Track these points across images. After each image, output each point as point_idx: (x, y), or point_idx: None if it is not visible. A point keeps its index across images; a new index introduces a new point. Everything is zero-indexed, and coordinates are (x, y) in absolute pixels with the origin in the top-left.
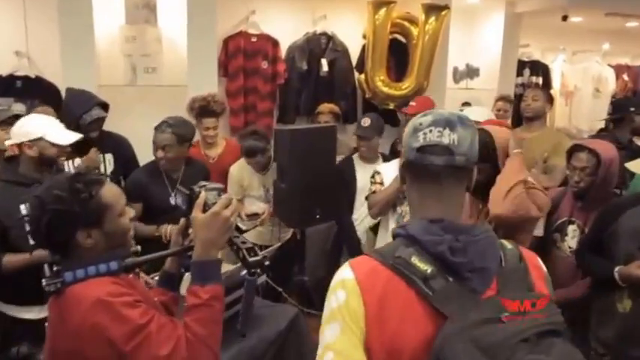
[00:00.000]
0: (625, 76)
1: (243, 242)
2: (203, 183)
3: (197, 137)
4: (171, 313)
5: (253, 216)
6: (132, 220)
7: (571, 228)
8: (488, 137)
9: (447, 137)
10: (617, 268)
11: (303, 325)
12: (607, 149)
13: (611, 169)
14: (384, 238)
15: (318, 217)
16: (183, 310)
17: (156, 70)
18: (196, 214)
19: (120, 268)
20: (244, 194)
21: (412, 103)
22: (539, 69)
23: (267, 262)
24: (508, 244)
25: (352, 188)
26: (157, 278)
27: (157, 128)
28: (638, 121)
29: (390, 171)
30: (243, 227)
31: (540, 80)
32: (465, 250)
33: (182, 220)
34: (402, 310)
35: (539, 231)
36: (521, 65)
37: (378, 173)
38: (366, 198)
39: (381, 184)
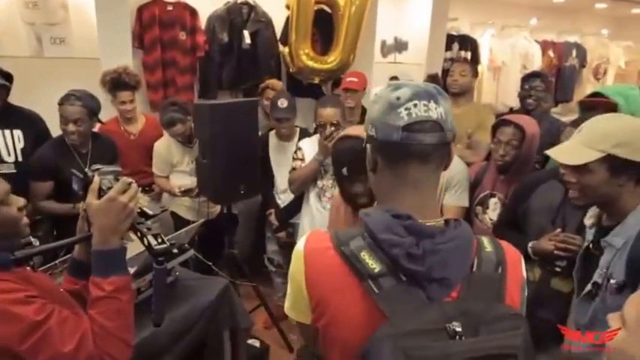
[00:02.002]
0: (550, 53)
1: (149, 229)
2: (97, 166)
3: (115, 113)
4: (85, 302)
5: (188, 191)
6: (21, 210)
7: (492, 201)
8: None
9: (435, 111)
10: (530, 244)
11: (233, 294)
12: (531, 124)
13: (533, 143)
14: (306, 212)
15: (242, 192)
16: (88, 301)
17: (65, 41)
18: (90, 200)
19: (8, 262)
20: (173, 170)
21: (353, 79)
22: (468, 43)
23: (174, 250)
24: (488, 246)
25: (268, 164)
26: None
27: (64, 101)
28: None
29: (310, 147)
30: (150, 212)
31: (469, 55)
32: (424, 258)
33: (82, 205)
34: (343, 300)
35: (464, 202)
36: (450, 39)
37: (300, 149)
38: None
39: (302, 160)
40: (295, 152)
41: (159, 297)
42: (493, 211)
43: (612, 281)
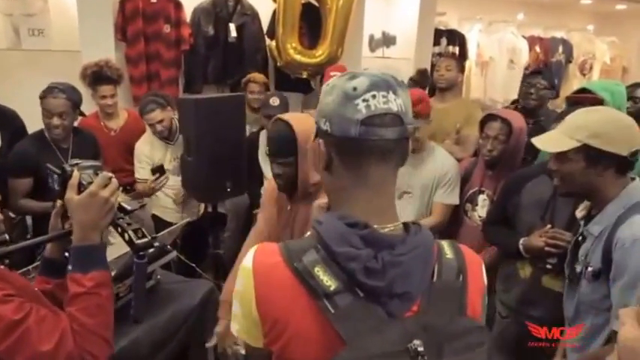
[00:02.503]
0: (537, 48)
1: (129, 224)
2: (76, 161)
3: (95, 108)
4: (58, 302)
5: (159, 170)
6: None
7: (481, 197)
8: (290, 129)
9: (394, 103)
10: (521, 241)
11: (218, 297)
12: (517, 119)
13: (520, 137)
14: None
15: (228, 190)
16: (66, 299)
17: (44, 33)
18: (70, 195)
19: None
20: None
21: (336, 73)
22: (456, 38)
23: (156, 244)
24: (448, 252)
25: (257, 162)
26: None
27: (47, 94)
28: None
29: None
30: (129, 207)
31: (457, 50)
32: (384, 272)
33: (59, 202)
34: (298, 321)
35: (454, 199)
36: (438, 34)
37: None
38: None
39: None
40: None
41: (139, 293)
42: (482, 208)
43: (590, 269)
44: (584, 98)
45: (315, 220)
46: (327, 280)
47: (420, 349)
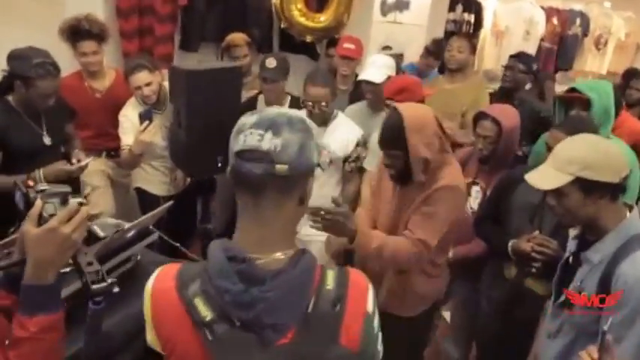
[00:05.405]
0: (555, 20)
1: (90, 263)
2: (42, 187)
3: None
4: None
5: (147, 116)
6: None
7: (474, 189)
8: (399, 119)
9: (268, 142)
10: (510, 243)
11: None
12: (509, 117)
13: (511, 136)
14: None
15: (220, 165)
16: (9, 342)
17: None
18: (28, 227)
19: None
20: None
21: (350, 46)
22: (473, 6)
23: (115, 289)
24: (330, 283)
25: None
26: None
27: (46, 75)
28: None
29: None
30: (101, 234)
31: (472, 18)
32: (253, 306)
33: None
34: (184, 344)
35: None
36: (454, 0)
37: None
38: None
39: None
40: None
41: (92, 339)
42: (475, 200)
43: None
44: (573, 97)
45: (211, 246)
46: (205, 311)
47: None
